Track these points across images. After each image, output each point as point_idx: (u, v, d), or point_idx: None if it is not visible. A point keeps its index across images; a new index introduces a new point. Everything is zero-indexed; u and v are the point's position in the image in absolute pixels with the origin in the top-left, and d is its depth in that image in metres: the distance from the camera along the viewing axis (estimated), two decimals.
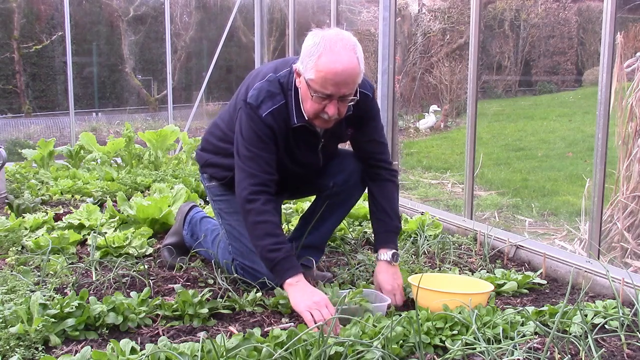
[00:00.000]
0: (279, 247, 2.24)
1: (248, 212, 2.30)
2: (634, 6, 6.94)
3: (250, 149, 2.34)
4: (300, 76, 2.28)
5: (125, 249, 3.03)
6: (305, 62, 2.22)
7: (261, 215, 2.28)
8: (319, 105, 2.26)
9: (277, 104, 2.35)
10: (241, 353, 1.79)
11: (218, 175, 2.66)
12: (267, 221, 2.28)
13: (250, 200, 2.30)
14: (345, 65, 2.17)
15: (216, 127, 2.67)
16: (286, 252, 2.24)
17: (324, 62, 2.17)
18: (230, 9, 7.59)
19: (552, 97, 12.21)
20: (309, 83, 2.23)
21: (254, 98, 2.35)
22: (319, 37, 2.21)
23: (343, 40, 2.20)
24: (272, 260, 2.24)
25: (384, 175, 2.59)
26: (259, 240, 2.28)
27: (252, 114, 2.34)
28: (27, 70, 11.02)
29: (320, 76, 2.18)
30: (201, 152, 2.75)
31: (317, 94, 2.23)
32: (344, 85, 2.21)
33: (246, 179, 2.33)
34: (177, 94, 10.84)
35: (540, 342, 2.06)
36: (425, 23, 11.39)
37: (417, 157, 8.41)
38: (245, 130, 2.36)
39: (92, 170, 5.28)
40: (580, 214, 3.92)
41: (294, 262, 2.25)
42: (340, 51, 2.17)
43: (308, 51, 2.22)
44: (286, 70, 2.40)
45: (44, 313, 2.04)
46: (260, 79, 2.40)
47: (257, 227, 2.29)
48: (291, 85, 2.37)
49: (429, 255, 3.12)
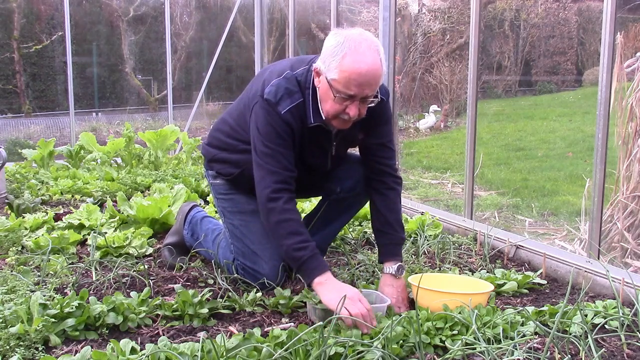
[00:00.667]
0: (304, 246, 2.21)
1: (270, 211, 2.26)
2: (634, 6, 6.94)
3: (268, 145, 2.29)
4: (320, 75, 2.24)
5: (125, 249, 3.03)
6: (327, 61, 2.18)
7: (284, 214, 2.25)
8: (340, 105, 2.22)
9: (295, 101, 2.31)
10: (241, 353, 1.79)
11: (225, 172, 2.62)
12: (290, 219, 2.25)
13: (272, 198, 2.26)
14: (370, 66, 2.14)
15: (224, 123, 2.62)
16: (312, 251, 2.21)
17: (349, 62, 2.13)
18: (230, 9, 7.59)
19: (552, 97, 12.21)
20: (331, 83, 2.19)
21: (272, 95, 2.30)
22: (343, 37, 2.17)
23: (367, 40, 2.17)
24: (299, 259, 2.21)
25: (389, 183, 2.54)
26: (283, 239, 2.24)
27: (270, 110, 2.29)
28: (27, 70, 11.02)
29: (344, 76, 2.14)
30: (208, 147, 2.69)
31: (339, 95, 2.19)
32: (368, 86, 2.18)
33: (267, 177, 2.28)
34: (177, 94, 10.84)
35: (540, 342, 2.06)
36: (425, 23, 11.39)
37: (417, 157, 8.41)
38: (263, 126, 2.31)
39: (92, 170, 5.28)
40: (580, 214, 3.92)
41: (320, 260, 2.22)
42: (365, 51, 2.14)
43: (331, 51, 2.17)
44: (304, 68, 2.36)
45: (44, 313, 2.04)
46: (277, 76, 2.35)
47: (280, 226, 2.25)
48: (309, 83, 2.33)
49: (429, 255, 3.12)
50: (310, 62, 2.37)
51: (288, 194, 2.29)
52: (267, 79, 2.37)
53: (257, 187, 2.32)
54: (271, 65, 2.53)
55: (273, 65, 2.53)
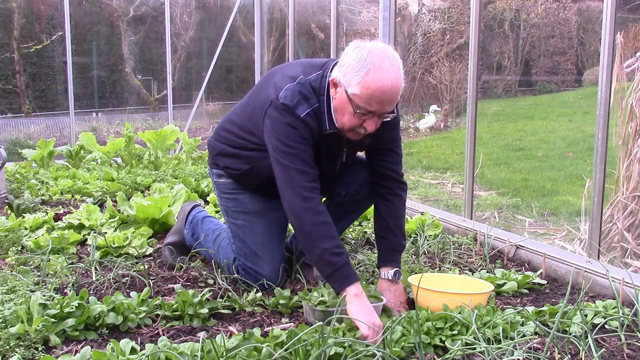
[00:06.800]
0: (340, 252, 2.18)
1: (306, 211, 2.22)
2: (634, 6, 6.94)
3: (292, 145, 2.25)
4: (338, 87, 2.22)
5: (125, 249, 3.03)
6: (349, 75, 2.16)
7: (320, 216, 2.22)
8: (358, 120, 2.20)
9: (311, 106, 2.28)
10: (241, 353, 1.79)
11: (234, 166, 2.57)
12: (325, 222, 2.22)
13: (306, 198, 2.22)
14: (393, 84, 2.12)
15: (231, 123, 2.59)
16: (346, 258, 2.19)
17: (372, 79, 2.11)
18: (230, 9, 7.59)
19: (552, 97, 12.21)
20: (351, 97, 2.16)
21: (288, 99, 2.26)
22: (366, 52, 2.14)
23: (390, 57, 2.15)
24: (334, 265, 2.17)
25: (393, 189, 2.53)
26: (319, 242, 2.19)
27: (289, 113, 2.26)
28: (27, 70, 11.01)
29: (367, 93, 2.12)
30: (215, 142, 2.65)
31: (360, 110, 2.17)
32: (389, 104, 2.17)
33: (296, 177, 2.24)
34: (177, 94, 10.83)
35: (540, 342, 2.07)
36: (425, 23, 11.40)
37: (417, 157, 8.41)
38: (283, 128, 2.26)
39: (92, 170, 5.27)
40: (580, 214, 3.92)
41: (352, 269, 2.19)
42: (389, 69, 2.12)
43: (353, 65, 2.15)
44: (317, 74, 2.32)
45: (44, 313, 2.04)
46: (290, 80, 2.31)
47: (317, 227, 2.21)
48: (323, 90, 2.30)
49: (429, 255, 3.12)
50: (324, 68, 2.34)
51: (319, 193, 2.27)
52: (279, 83, 2.33)
53: (286, 187, 2.25)
54: (280, 69, 2.49)
55: (282, 68, 2.48)
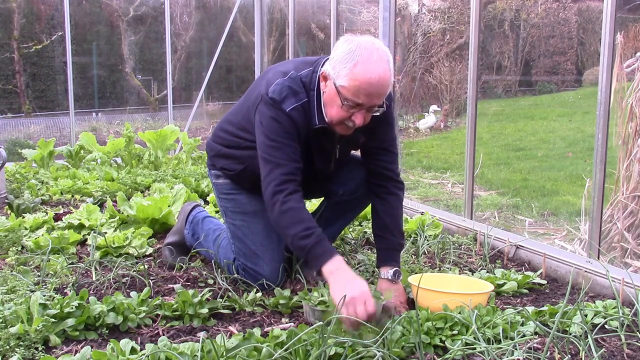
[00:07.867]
0: (308, 234, 2.16)
1: (273, 204, 2.23)
2: (634, 6, 6.94)
3: (275, 139, 2.27)
4: (327, 80, 2.24)
5: (125, 249, 3.03)
6: (337, 68, 2.18)
7: (286, 204, 2.21)
8: (346, 112, 2.22)
9: (300, 101, 2.30)
10: (241, 353, 1.79)
11: (229, 167, 2.60)
12: (292, 208, 2.21)
13: (277, 191, 2.22)
14: (381, 77, 2.14)
15: (228, 123, 2.62)
16: (317, 237, 2.16)
17: (360, 71, 2.12)
18: (230, 9, 7.59)
19: (552, 97, 12.20)
20: (339, 90, 2.18)
21: (276, 93, 2.29)
22: (355, 45, 2.16)
23: (379, 50, 2.16)
24: (304, 248, 2.16)
25: (389, 188, 2.53)
26: (287, 230, 2.20)
27: (275, 107, 2.28)
28: (27, 70, 11.01)
29: (354, 85, 2.14)
30: (212, 143, 2.68)
31: (347, 102, 2.18)
32: (377, 97, 2.18)
33: (273, 170, 2.25)
34: (177, 94, 10.83)
35: (540, 342, 2.06)
36: (425, 23, 11.39)
37: (417, 157, 8.41)
38: (268, 121, 2.29)
39: (92, 170, 5.27)
40: (580, 214, 3.92)
41: (326, 246, 2.16)
42: (377, 62, 2.13)
43: (342, 57, 2.17)
44: (308, 70, 2.35)
45: (44, 313, 2.04)
46: (281, 76, 2.34)
47: (283, 216, 2.21)
48: (314, 85, 2.32)
49: (429, 255, 3.12)
50: (315, 64, 2.36)
51: (293, 185, 2.26)
52: (271, 79, 2.36)
53: (264, 182, 2.29)
54: (274, 67, 2.52)
55: (276, 66, 2.52)
